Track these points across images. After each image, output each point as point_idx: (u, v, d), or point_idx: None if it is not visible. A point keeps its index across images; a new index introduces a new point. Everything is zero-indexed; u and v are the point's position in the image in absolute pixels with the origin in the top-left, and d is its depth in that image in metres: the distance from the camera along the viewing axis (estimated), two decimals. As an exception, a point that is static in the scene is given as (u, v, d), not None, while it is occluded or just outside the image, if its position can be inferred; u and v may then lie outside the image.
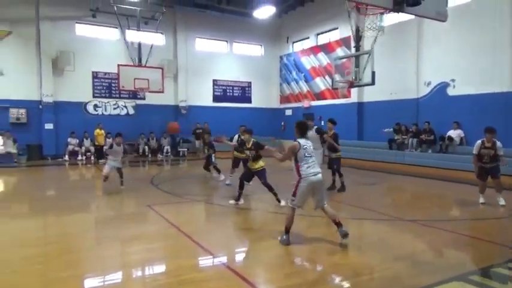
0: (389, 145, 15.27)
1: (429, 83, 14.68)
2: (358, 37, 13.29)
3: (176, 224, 6.44)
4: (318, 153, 9.21)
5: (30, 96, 17.12)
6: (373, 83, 12.34)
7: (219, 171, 11.46)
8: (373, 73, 12.21)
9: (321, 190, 5.48)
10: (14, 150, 15.82)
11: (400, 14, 6.09)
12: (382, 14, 10.30)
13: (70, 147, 17.40)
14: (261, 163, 8.11)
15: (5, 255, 4.92)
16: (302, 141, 5.45)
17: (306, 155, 5.35)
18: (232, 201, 8.10)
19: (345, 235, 5.33)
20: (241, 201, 8.08)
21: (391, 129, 15.41)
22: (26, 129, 16.80)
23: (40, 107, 17.26)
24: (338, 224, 5.42)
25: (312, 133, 9.16)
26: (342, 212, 7.59)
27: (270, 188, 7.99)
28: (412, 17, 14.09)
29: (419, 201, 9.18)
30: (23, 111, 16.86)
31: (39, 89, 17.30)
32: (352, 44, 14.84)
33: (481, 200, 8.11)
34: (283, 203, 7.70)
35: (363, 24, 11.35)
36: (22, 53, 17.04)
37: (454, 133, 13.41)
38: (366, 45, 13.83)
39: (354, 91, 17.30)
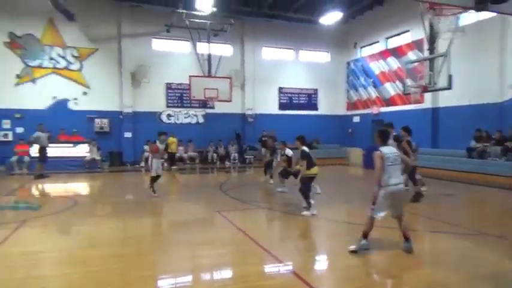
0: (469, 153, 14.11)
1: (515, 86, 13.39)
2: (433, 39, 12.58)
3: (245, 230, 6.54)
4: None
5: (112, 107, 18.68)
6: (449, 87, 11.60)
7: (271, 176, 12.17)
8: (450, 76, 11.47)
9: (400, 200, 5.41)
10: (98, 157, 17.31)
11: (481, 12, 5.64)
12: (460, 13, 9.64)
13: (146, 154, 18.51)
14: (313, 170, 7.90)
15: (90, 253, 5.37)
16: (385, 149, 5.37)
17: (388, 163, 5.26)
18: (306, 213, 7.81)
19: (408, 251, 5.26)
20: (315, 212, 7.78)
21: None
22: (108, 138, 18.29)
23: (120, 117, 18.73)
24: (407, 238, 5.34)
25: (391, 141, 8.89)
26: (417, 225, 7.19)
27: (305, 196, 7.90)
28: (494, 14, 13.03)
29: (506, 216, 8.34)
30: (105, 121, 18.43)
31: (120, 101, 18.81)
32: (426, 46, 14.09)
33: None
34: (306, 213, 7.72)
35: (438, 26, 10.71)
36: (106, 67, 18.68)
37: (547, 140, 12.04)
38: (441, 47, 13.00)
39: (427, 96, 16.34)
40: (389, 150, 5.40)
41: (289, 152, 10.21)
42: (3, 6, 16.76)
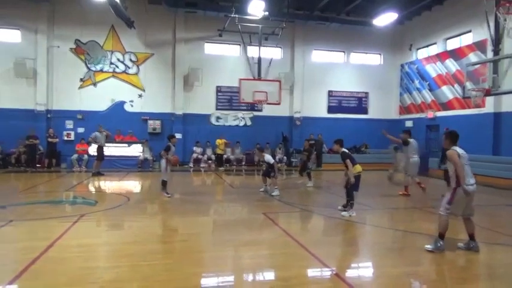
0: (536, 162, 13.00)
1: None
2: (498, 40, 11.74)
3: (291, 233, 6.50)
4: (414, 162, 10.58)
5: (164, 109, 19.44)
6: (515, 90, 10.76)
7: (310, 177, 12.52)
8: (516, 79, 10.64)
9: (473, 200, 5.50)
10: (150, 157, 18.04)
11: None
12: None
13: (194, 155, 19.11)
14: (357, 168, 8.08)
15: (139, 248, 5.59)
16: (458, 149, 5.48)
17: (465, 163, 5.38)
18: (345, 213, 7.95)
19: (475, 249, 5.42)
20: (354, 213, 7.89)
21: None
22: (160, 138, 18.95)
23: (172, 118, 19.43)
24: (473, 238, 5.49)
25: (413, 141, 10.71)
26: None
27: (348, 195, 8.04)
28: None
29: None
30: (158, 122, 19.20)
31: (172, 103, 19.51)
32: (489, 47, 13.18)
33: None
34: (345, 214, 7.90)
35: (506, 25, 10.00)
36: (160, 72, 19.48)
37: None
38: (507, 48, 12.11)
39: (489, 100, 15.26)
40: (461, 150, 5.47)
41: (269, 158, 10.73)
42: (71, 16, 18.14)
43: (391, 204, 9.74)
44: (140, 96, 19.25)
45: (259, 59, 16.98)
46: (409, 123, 21.05)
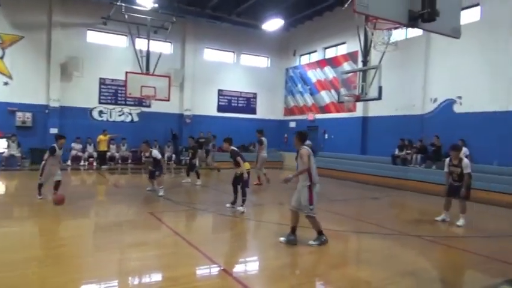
0: (393, 160, 15.19)
1: (435, 100, 14.67)
2: (366, 52, 13.36)
3: (179, 232, 6.39)
4: (262, 156, 12.49)
5: (37, 101, 17.26)
6: (379, 97, 12.38)
7: (198, 175, 12.56)
8: (380, 88, 12.25)
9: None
10: (17, 154, 15.85)
11: (409, 29, 6.10)
12: (395, 29, 10.32)
13: (73, 153, 17.43)
14: (246, 166, 8.25)
15: (7, 257, 4.89)
16: (308, 148, 5.67)
17: (314, 161, 5.62)
18: (240, 208, 8.12)
19: (294, 242, 5.72)
20: (243, 209, 8.11)
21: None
22: (31, 133, 16.87)
23: (46, 111, 17.37)
24: (295, 230, 5.78)
25: (264, 139, 12.54)
26: (344, 225, 7.54)
27: (243, 193, 8.25)
28: (420, 32, 14.21)
29: (424, 217, 9.07)
30: (29, 115, 16.96)
31: (47, 94, 17.46)
32: (360, 58, 14.92)
33: (441, 217, 7.88)
34: (241, 208, 8.08)
35: (373, 39, 11.44)
36: (32, 57, 17.23)
37: (459, 151, 13.30)
38: (374, 60, 13.89)
39: (359, 105, 17.34)
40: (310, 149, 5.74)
41: (156, 154, 10.54)
42: None
43: (275, 200, 10.34)
44: (6, 84, 16.74)
45: (148, 53, 16.31)
46: (292, 124, 22.60)
